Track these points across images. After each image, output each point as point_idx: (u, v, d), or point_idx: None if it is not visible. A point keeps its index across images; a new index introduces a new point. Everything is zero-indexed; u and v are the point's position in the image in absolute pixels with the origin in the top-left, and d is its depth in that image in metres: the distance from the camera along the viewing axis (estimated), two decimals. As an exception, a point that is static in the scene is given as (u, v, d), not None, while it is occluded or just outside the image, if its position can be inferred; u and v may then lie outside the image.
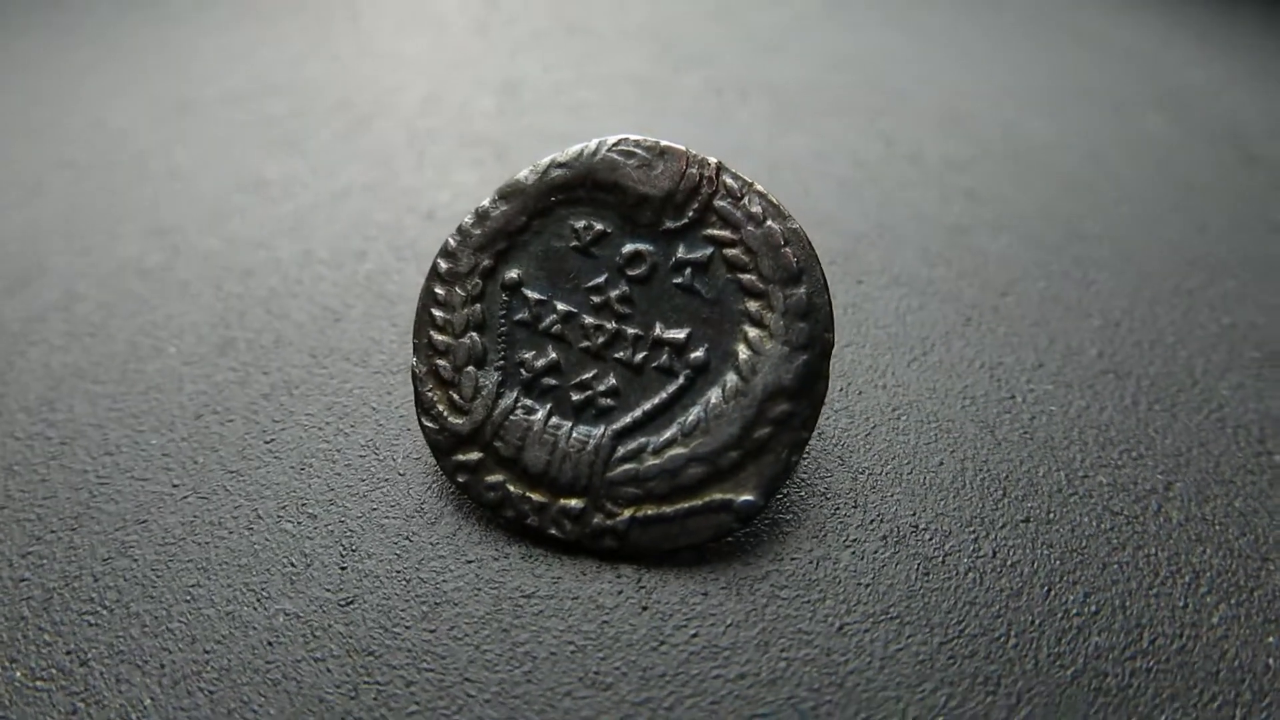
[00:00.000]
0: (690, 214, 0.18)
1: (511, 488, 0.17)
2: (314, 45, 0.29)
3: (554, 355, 0.17)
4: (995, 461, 0.18)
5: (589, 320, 0.18)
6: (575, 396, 0.17)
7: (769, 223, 0.17)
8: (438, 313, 0.18)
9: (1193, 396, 0.19)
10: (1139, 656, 0.15)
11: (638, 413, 0.17)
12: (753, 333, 0.17)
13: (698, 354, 0.17)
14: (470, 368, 0.17)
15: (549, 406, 0.17)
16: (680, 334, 0.17)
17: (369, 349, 0.20)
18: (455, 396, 0.17)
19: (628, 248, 0.18)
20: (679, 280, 0.17)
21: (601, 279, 0.18)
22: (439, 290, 0.18)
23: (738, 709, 0.15)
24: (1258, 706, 0.15)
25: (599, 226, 0.18)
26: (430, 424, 0.17)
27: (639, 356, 0.17)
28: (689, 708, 0.15)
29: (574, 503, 0.17)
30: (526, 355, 0.17)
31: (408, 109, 0.26)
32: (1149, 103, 0.28)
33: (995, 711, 0.15)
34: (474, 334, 0.18)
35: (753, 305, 0.17)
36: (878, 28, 0.30)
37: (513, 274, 0.18)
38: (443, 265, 0.18)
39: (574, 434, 0.17)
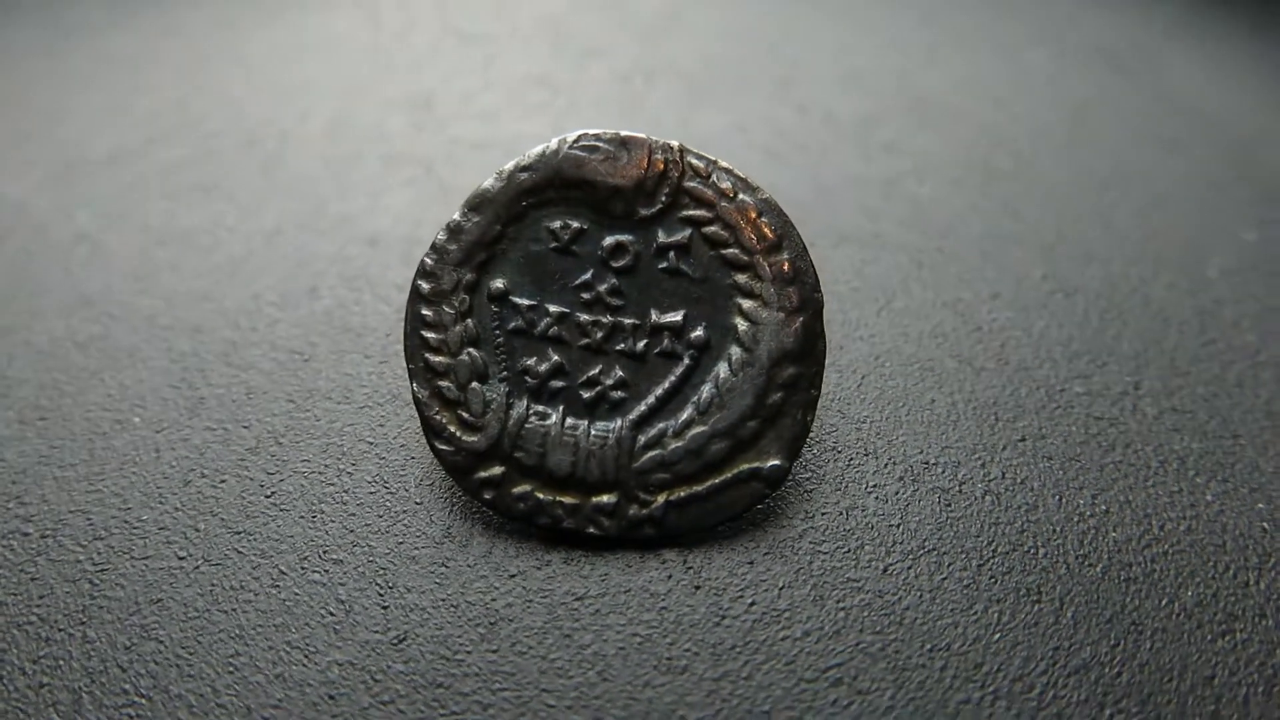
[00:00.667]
0: (663, 199, 0.18)
1: (541, 495, 0.17)
2: (197, 86, 0.27)
3: (556, 358, 0.17)
4: (980, 390, 0.19)
5: (584, 317, 0.18)
6: (585, 394, 0.17)
7: (741, 196, 0.18)
8: (429, 334, 0.17)
9: (1135, 302, 0.21)
10: (1154, 543, 0.17)
11: (651, 399, 0.17)
12: (746, 304, 0.17)
13: (697, 333, 0.17)
14: (475, 384, 0.17)
15: (561, 409, 0.17)
16: (676, 317, 0.17)
17: (348, 385, 0.19)
18: (465, 415, 0.17)
19: (608, 240, 0.18)
20: (664, 265, 0.18)
21: (588, 275, 0.18)
22: (426, 311, 0.17)
23: (811, 664, 0.15)
24: (1265, 567, 0.16)
25: (575, 224, 0.18)
26: (444, 446, 0.17)
27: (640, 345, 0.17)
28: (766, 673, 0.15)
29: (606, 498, 0.17)
30: (528, 362, 0.17)
31: (318, 137, 0.25)
32: (1021, 37, 0.30)
33: (1044, 617, 0.16)
34: (471, 349, 0.17)
35: (741, 278, 0.18)
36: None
37: (498, 284, 0.18)
38: (425, 286, 0.17)
39: (593, 431, 0.17)
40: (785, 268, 0.18)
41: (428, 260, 0.18)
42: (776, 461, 0.17)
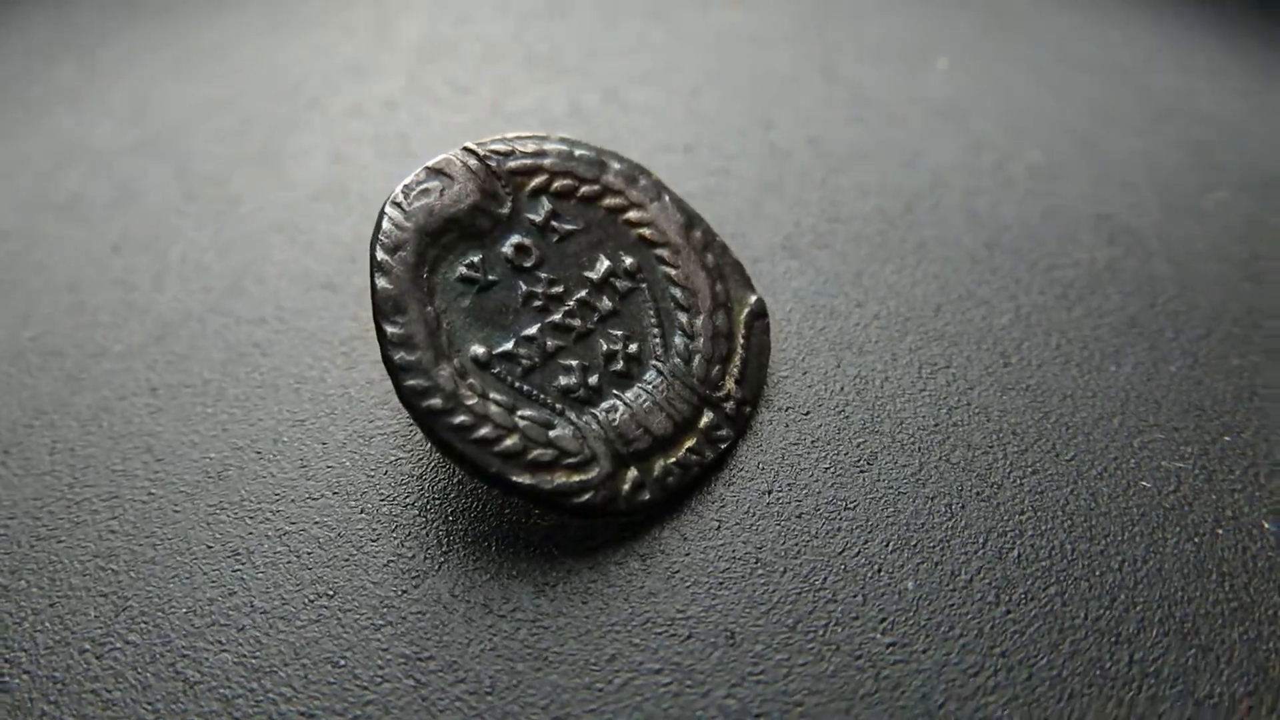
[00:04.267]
0: (506, 191, 0.18)
1: (670, 460, 0.17)
2: None
3: (573, 362, 0.17)
4: (788, 181, 0.23)
5: (555, 319, 0.18)
6: (615, 368, 0.18)
7: (547, 147, 0.19)
8: (480, 432, 0.16)
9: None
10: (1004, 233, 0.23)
11: (654, 331, 0.18)
12: (630, 215, 0.19)
13: (627, 262, 0.19)
14: (551, 431, 0.16)
15: (614, 393, 0.17)
16: (604, 263, 0.18)
17: (399, 562, 0.17)
18: (571, 460, 0.16)
19: (505, 250, 0.18)
20: (556, 237, 0.18)
21: (521, 288, 0.18)
22: (457, 419, 0.16)
23: (955, 402, 0.19)
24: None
25: (471, 259, 0.17)
26: (583, 497, 0.16)
27: (606, 303, 0.18)
28: (931, 443, 0.18)
29: (707, 419, 0.18)
30: (560, 383, 0.17)
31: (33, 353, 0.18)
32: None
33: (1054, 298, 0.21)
34: (520, 412, 0.16)
35: (607, 202, 0.19)
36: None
37: (477, 350, 0.17)
38: (437, 403, 0.16)
39: (651, 387, 0.18)
40: (624, 173, 0.19)
41: (414, 383, 0.16)
42: (754, 297, 0.19)
